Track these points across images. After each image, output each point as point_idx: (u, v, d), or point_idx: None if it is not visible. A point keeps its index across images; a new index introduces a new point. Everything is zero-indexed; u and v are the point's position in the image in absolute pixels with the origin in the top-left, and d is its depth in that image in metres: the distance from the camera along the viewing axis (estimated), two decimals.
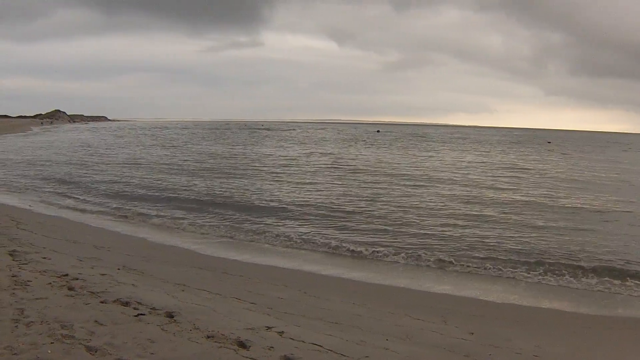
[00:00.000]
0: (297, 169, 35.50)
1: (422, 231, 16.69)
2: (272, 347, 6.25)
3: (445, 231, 16.72)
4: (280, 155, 47.19)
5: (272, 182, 27.73)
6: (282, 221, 17.95)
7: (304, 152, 53.47)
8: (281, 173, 32.56)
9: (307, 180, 28.78)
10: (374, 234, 16.23)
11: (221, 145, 62.06)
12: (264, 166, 36.83)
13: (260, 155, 46.81)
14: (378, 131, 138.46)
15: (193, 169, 33.89)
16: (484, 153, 60.69)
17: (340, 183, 27.90)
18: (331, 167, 36.69)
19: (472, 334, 8.43)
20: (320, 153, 51.81)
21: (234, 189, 25.00)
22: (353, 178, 30.22)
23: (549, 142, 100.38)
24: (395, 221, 18.07)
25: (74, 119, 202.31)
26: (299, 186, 26.41)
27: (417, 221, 18.12)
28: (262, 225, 17.26)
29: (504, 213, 20.07)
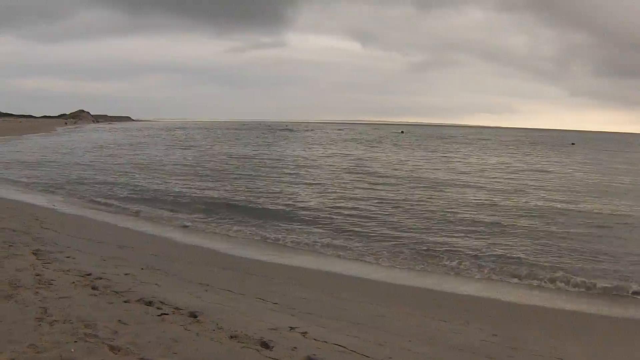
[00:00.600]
0: (320, 171, 35.44)
1: (445, 235, 16.57)
2: (296, 348, 6.24)
3: (468, 235, 16.57)
4: (303, 157, 47.14)
5: (295, 185, 27.68)
6: (306, 224, 17.88)
7: (327, 153, 53.46)
8: (305, 174, 32.54)
9: (330, 183, 28.73)
10: (397, 237, 16.10)
11: (243, 147, 62.21)
12: (287, 168, 36.80)
13: (283, 157, 46.77)
14: (402, 132, 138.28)
15: (217, 171, 34.00)
16: (506, 155, 60.29)
17: (363, 186, 27.72)
18: (355, 170, 36.51)
19: (495, 335, 8.36)
20: (344, 155, 51.71)
21: (258, 190, 25.02)
22: (376, 181, 30.01)
23: (573, 144, 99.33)
24: (418, 225, 17.96)
25: (97, 119, 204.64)
26: (322, 188, 26.36)
27: (441, 225, 18.00)
28: (285, 227, 17.24)
29: (527, 217, 19.85)
